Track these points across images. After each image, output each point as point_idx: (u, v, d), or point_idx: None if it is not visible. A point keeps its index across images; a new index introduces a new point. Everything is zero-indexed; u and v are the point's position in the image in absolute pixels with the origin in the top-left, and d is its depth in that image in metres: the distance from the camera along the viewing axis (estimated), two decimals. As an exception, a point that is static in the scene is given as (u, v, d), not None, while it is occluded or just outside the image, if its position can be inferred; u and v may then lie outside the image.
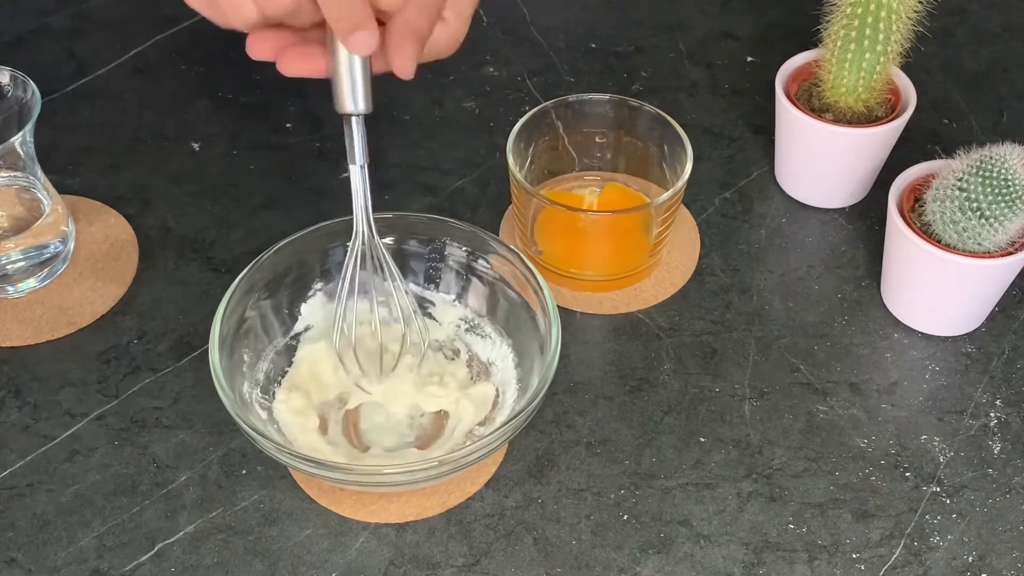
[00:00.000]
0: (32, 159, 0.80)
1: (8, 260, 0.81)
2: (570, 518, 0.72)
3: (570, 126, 0.86)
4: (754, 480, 0.74)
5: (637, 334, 0.81)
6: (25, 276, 0.81)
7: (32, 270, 0.82)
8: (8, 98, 0.80)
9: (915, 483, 0.74)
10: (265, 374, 0.75)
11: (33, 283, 0.82)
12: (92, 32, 1.01)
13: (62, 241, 0.83)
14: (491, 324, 0.77)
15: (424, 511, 0.72)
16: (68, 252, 0.83)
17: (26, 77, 0.79)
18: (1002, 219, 0.74)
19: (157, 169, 0.91)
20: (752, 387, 0.78)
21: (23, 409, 0.77)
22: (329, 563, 0.70)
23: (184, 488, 0.73)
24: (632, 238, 0.82)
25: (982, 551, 0.71)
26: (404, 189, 0.90)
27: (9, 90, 0.80)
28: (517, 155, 0.82)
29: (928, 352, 0.80)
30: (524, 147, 0.84)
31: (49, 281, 0.82)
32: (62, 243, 0.83)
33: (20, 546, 0.71)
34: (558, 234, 0.83)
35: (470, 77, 0.98)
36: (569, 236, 0.82)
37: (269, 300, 0.75)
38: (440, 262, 0.78)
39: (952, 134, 0.93)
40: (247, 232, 0.87)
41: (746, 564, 0.70)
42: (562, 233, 0.83)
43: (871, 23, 0.80)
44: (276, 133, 0.93)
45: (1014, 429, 0.76)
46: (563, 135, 0.86)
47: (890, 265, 0.81)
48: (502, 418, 0.73)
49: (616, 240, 0.82)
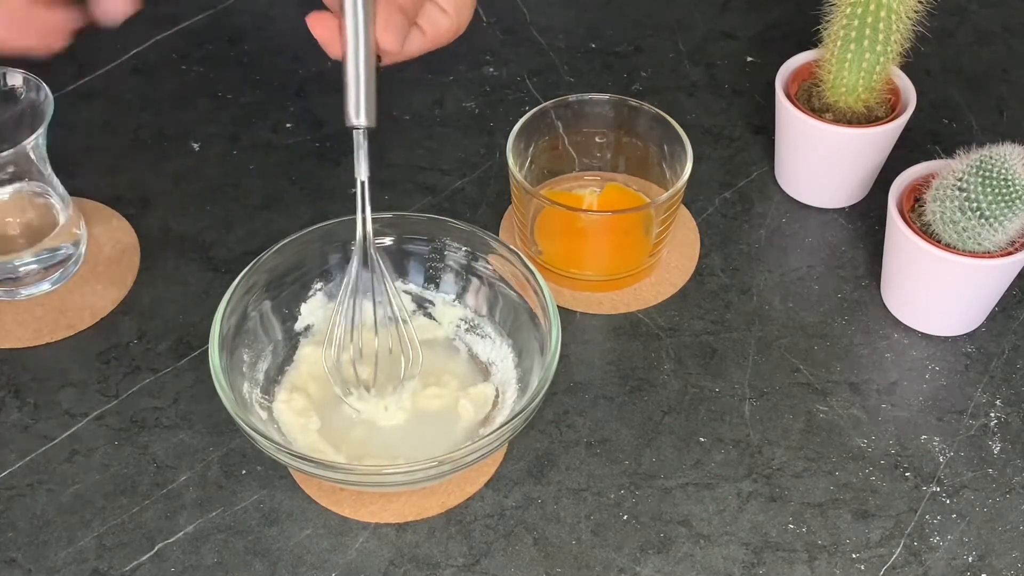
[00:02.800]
0: (44, 161, 0.79)
1: (22, 263, 0.80)
2: (570, 518, 0.72)
3: (570, 126, 0.86)
4: (754, 480, 0.74)
5: (637, 334, 0.81)
6: (37, 279, 0.81)
7: (44, 273, 0.81)
8: (21, 101, 0.79)
9: (915, 483, 0.74)
10: (265, 374, 0.75)
11: (46, 286, 0.82)
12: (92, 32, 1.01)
13: (74, 244, 0.83)
14: (491, 324, 0.77)
15: (424, 511, 0.72)
16: (80, 255, 0.83)
17: (39, 79, 0.79)
18: (1002, 219, 0.74)
19: (157, 169, 0.91)
20: (752, 387, 0.78)
21: (23, 409, 0.77)
22: (329, 563, 0.70)
23: (184, 488, 0.73)
24: (632, 238, 0.82)
25: (982, 551, 0.71)
26: (404, 189, 0.90)
27: (22, 92, 0.79)
28: (517, 155, 0.82)
29: (928, 352, 0.80)
30: (524, 147, 0.84)
31: (62, 284, 0.82)
32: (74, 246, 0.83)
33: (20, 546, 0.71)
34: (558, 234, 0.83)
35: (470, 77, 0.98)
36: (569, 236, 0.82)
37: (269, 300, 0.75)
38: (440, 262, 0.78)
39: (952, 134, 0.93)
40: (247, 232, 0.87)
41: (746, 564, 0.70)
42: (562, 233, 0.83)
43: (871, 23, 0.80)
44: (276, 133, 0.93)
45: (1014, 429, 0.76)
46: (563, 135, 0.86)
47: (890, 265, 0.81)
48: (502, 418, 0.73)
49: (616, 240, 0.82)
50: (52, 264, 0.81)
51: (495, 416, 0.74)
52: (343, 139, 0.67)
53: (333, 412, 0.74)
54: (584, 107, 0.85)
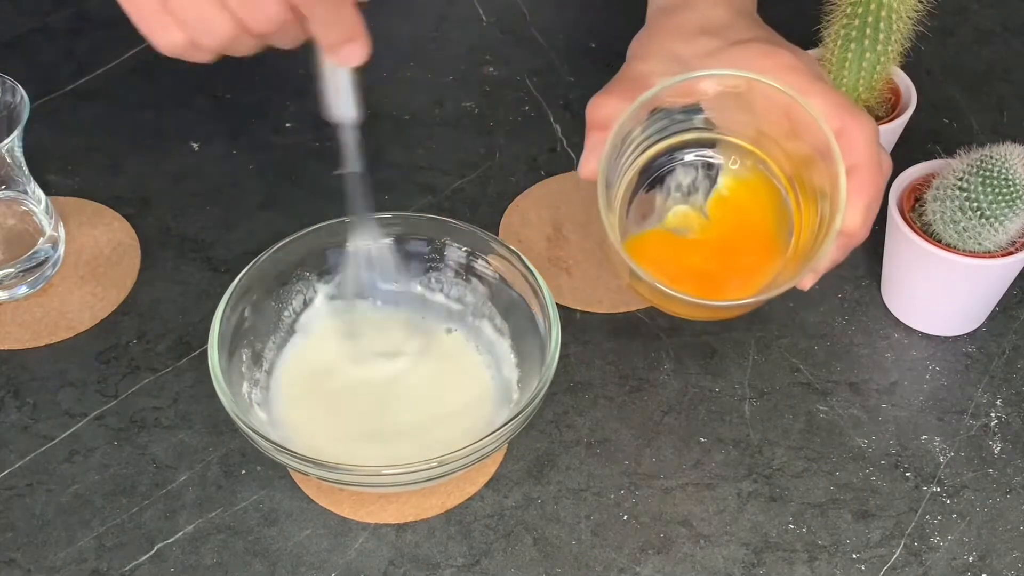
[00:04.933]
0: (21, 166, 0.79)
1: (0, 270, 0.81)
2: (570, 518, 0.72)
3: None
4: (754, 480, 0.74)
5: (637, 334, 0.81)
6: (16, 283, 0.81)
7: (23, 276, 0.81)
8: None
9: (915, 483, 0.74)
10: (265, 374, 0.75)
11: (25, 289, 0.81)
12: (92, 32, 1.01)
13: (52, 246, 0.82)
14: (491, 324, 0.77)
15: (424, 511, 0.72)
16: (59, 257, 0.83)
17: (14, 82, 0.78)
18: (1002, 219, 0.73)
19: (157, 169, 0.91)
20: (752, 387, 0.78)
21: (22, 409, 0.77)
22: (329, 563, 0.70)
23: (183, 488, 0.73)
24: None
25: (982, 551, 0.71)
26: (404, 189, 0.90)
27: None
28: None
29: (928, 352, 0.80)
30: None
31: (41, 285, 0.82)
32: (52, 248, 0.82)
33: (19, 546, 0.71)
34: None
35: (470, 77, 0.98)
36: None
37: (269, 300, 0.75)
38: (440, 262, 0.78)
39: (952, 134, 0.93)
40: (247, 232, 0.87)
41: (746, 564, 0.70)
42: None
43: (871, 23, 0.80)
44: (276, 133, 0.93)
45: (1014, 429, 0.76)
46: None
47: (890, 265, 0.81)
48: (502, 418, 0.73)
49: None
50: (30, 267, 0.81)
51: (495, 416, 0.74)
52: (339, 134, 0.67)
53: (333, 412, 0.74)
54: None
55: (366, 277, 0.77)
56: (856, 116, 0.68)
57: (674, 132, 0.70)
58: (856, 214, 0.67)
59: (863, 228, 0.68)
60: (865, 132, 0.68)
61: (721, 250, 0.72)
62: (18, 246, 0.81)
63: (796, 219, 0.69)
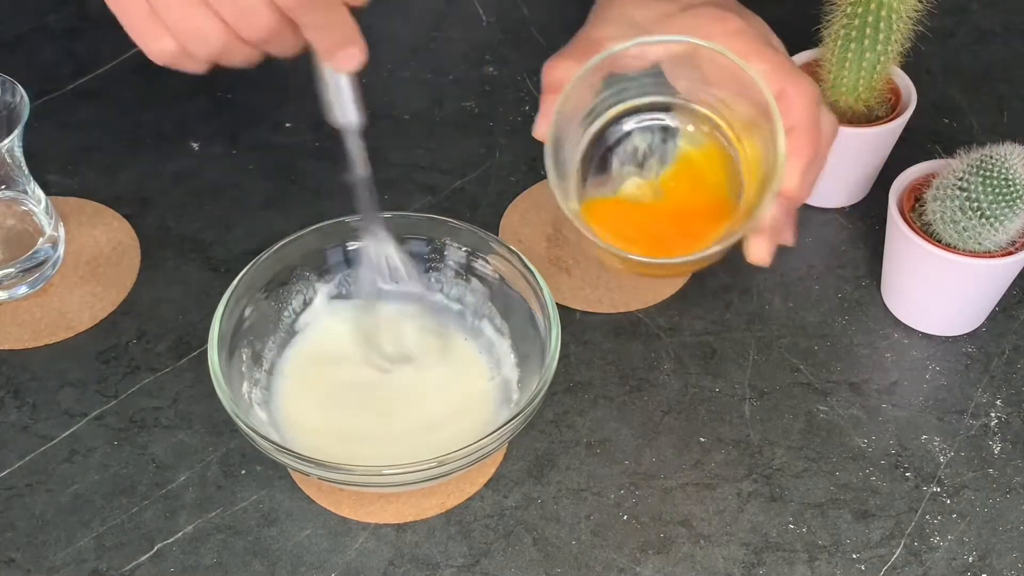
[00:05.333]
0: (21, 166, 0.79)
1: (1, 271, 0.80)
2: (570, 518, 0.72)
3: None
4: (754, 480, 0.74)
5: (637, 334, 0.81)
6: (16, 283, 0.81)
7: (23, 276, 0.81)
8: None
9: (915, 483, 0.74)
10: (265, 374, 0.75)
11: (25, 289, 0.81)
12: (91, 32, 1.01)
13: (52, 246, 0.82)
14: (491, 324, 0.77)
15: (424, 511, 0.72)
16: (59, 257, 0.83)
17: (14, 82, 0.78)
18: (1002, 219, 0.73)
19: (156, 169, 0.91)
20: (752, 387, 0.78)
21: (22, 409, 0.77)
22: (328, 563, 0.70)
23: (183, 488, 0.73)
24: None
25: (982, 551, 0.71)
26: (404, 189, 0.90)
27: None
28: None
29: (928, 352, 0.80)
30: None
31: (41, 285, 0.82)
32: (52, 248, 0.82)
33: (19, 546, 0.71)
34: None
35: (470, 77, 0.98)
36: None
37: (269, 300, 0.75)
38: (440, 262, 0.78)
39: (952, 134, 0.93)
40: (247, 232, 0.87)
41: (746, 564, 0.70)
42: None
43: (871, 22, 0.80)
44: (276, 133, 0.93)
45: (1014, 429, 0.76)
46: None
47: (890, 265, 0.81)
48: (502, 418, 0.73)
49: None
50: (30, 267, 0.81)
51: (495, 416, 0.74)
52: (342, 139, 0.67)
53: (333, 412, 0.74)
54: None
55: (378, 278, 0.77)
56: (797, 79, 0.69)
57: (630, 97, 0.71)
58: (794, 175, 0.68)
59: (801, 189, 0.68)
60: (805, 95, 0.68)
61: (675, 213, 0.73)
62: (18, 246, 0.81)
63: (746, 181, 0.70)
